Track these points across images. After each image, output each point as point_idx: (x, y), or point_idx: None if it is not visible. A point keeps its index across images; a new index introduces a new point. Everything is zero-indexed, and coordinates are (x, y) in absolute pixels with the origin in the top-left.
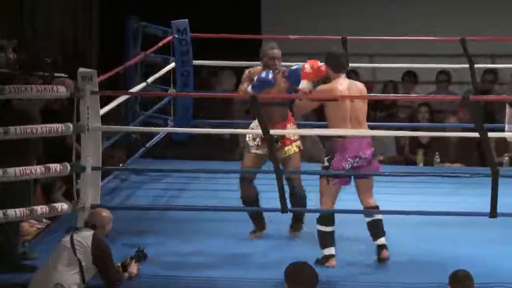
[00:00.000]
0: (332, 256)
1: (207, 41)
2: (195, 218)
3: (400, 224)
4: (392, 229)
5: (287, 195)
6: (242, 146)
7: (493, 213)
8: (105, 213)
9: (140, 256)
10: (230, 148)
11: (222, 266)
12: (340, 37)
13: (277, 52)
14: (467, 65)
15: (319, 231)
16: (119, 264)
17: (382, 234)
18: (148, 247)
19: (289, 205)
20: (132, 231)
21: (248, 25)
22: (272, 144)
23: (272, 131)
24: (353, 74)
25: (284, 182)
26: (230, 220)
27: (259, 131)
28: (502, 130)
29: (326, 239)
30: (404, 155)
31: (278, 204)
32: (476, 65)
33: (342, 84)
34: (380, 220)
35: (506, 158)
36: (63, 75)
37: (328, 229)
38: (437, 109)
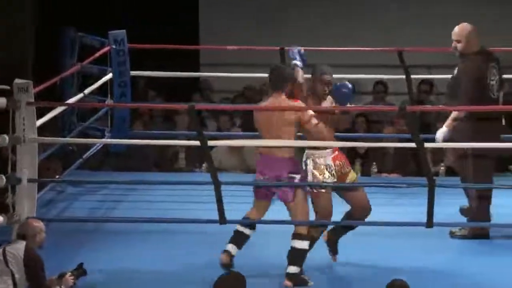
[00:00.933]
0: None
1: (145, 52)
2: (132, 230)
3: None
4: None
5: None
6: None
7: (429, 223)
8: (36, 223)
9: (80, 272)
10: (170, 160)
11: (158, 280)
12: (278, 48)
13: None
14: (403, 76)
15: None
16: (56, 276)
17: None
18: (85, 259)
19: None
20: (69, 244)
21: (186, 36)
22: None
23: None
24: None
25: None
26: (168, 232)
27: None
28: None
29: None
30: None
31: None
32: (412, 76)
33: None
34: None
35: (442, 168)
36: (5, 87)
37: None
38: (374, 119)
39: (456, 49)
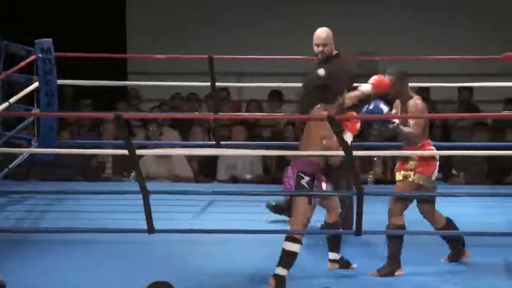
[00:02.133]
0: None
1: (72, 62)
2: (59, 240)
3: (264, 242)
4: (260, 248)
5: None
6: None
7: (358, 231)
8: None
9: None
10: (96, 169)
11: None
12: (207, 56)
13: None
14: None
15: None
16: None
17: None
18: (10, 271)
19: None
20: None
21: (114, 45)
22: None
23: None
24: (225, 93)
25: None
26: (96, 242)
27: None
28: (368, 148)
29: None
30: (271, 175)
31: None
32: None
33: None
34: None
35: (371, 176)
36: None
37: None
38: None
39: (323, 53)
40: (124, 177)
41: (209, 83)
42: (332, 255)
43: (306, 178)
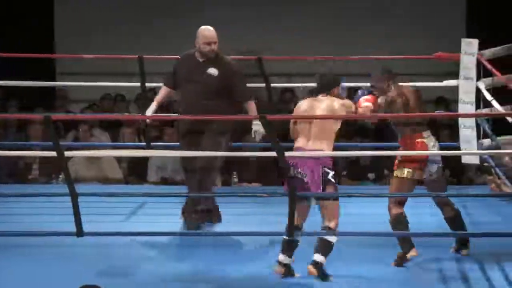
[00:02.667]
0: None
1: None
2: None
3: (193, 245)
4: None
5: None
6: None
7: (290, 233)
8: None
9: None
10: (23, 171)
11: None
12: (137, 56)
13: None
14: (263, 84)
15: None
16: None
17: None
18: None
19: None
20: None
21: (42, 45)
22: None
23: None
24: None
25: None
26: (24, 246)
27: None
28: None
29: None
30: None
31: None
32: (272, 84)
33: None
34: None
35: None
36: None
37: None
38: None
39: (213, 51)
40: (52, 179)
41: (139, 84)
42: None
43: (331, 173)
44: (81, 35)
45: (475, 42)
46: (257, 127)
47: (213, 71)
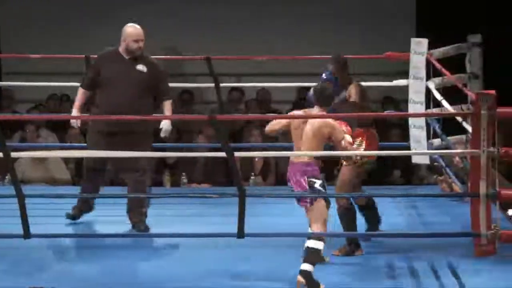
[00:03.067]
0: None
1: None
2: None
3: (146, 247)
4: (137, 252)
5: None
6: None
7: (240, 234)
8: None
9: None
10: None
11: None
12: (84, 56)
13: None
14: (212, 84)
15: None
16: None
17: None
18: None
19: None
20: None
21: None
22: None
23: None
24: None
25: None
26: None
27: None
28: (248, 149)
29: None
30: (151, 177)
31: None
32: (221, 84)
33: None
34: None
35: (253, 178)
36: None
37: None
38: (183, 128)
39: (140, 49)
40: None
41: None
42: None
43: (318, 182)
44: (27, 35)
45: (424, 41)
46: (166, 125)
47: (142, 67)
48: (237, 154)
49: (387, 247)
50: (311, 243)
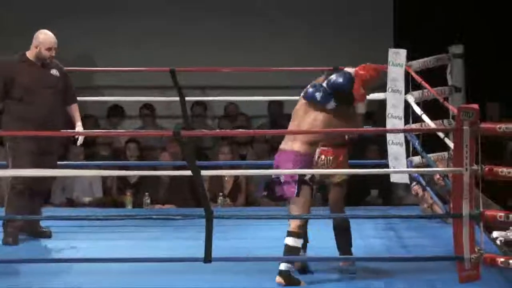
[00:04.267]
0: None
1: None
2: None
3: (108, 272)
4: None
5: None
6: None
7: (207, 258)
8: None
9: None
10: None
11: None
12: None
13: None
14: (177, 98)
15: None
16: None
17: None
18: None
19: None
20: None
21: None
22: None
23: None
24: None
25: None
26: None
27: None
28: (216, 168)
29: None
30: (112, 197)
31: None
32: (187, 98)
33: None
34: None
35: (221, 198)
36: None
37: None
38: (146, 145)
39: (53, 57)
40: None
41: None
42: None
43: (308, 175)
44: None
45: (403, 52)
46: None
47: (55, 72)
48: (204, 172)
49: (364, 272)
50: (289, 241)
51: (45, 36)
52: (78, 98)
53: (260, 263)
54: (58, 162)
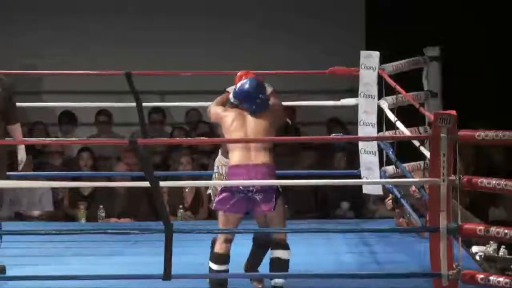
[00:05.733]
0: None
1: None
2: None
3: None
4: None
5: None
6: None
7: (167, 275)
8: None
9: None
10: None
11: None
12: None
13: None
14: (133, 104)
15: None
16: None
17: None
18: None
19: None
20: None
21: None
22: None
23: None
24: None
25: None
26: None
27: None
28: (177, 178)
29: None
30: (63, 210)
31: None
32: (144, 104)
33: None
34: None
35: (181, 211)
36: None
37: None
38: (101, 154)
39: None
40: None
41: None
42: None
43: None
44: None
45: (375, 54)
46: (22, 154)
47: None
48: (163, 184)
49: None
50: (280, 253)
51: None
52: (27, 104)
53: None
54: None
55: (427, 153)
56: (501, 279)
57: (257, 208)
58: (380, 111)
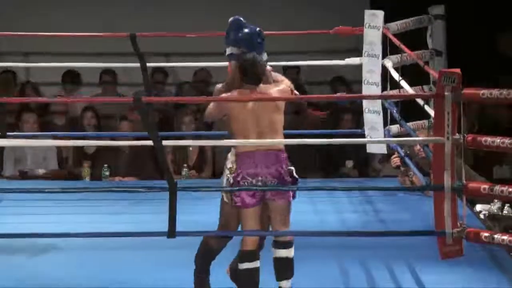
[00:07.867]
0: None
1: None
2: None
3: (68, 249)
4: (59, 255)
5: None
6: None
7: (171, 233)
8: None
9: None
10: None
11: None
12: None
13: None
14: (137, 64)
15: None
16: None
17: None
18: None
19: None
20: None
21: None
22: None
23: None
24: (10, 75)
25: None
26: None
27: None
28: (180, 138)
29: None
30: (68, 169)
31: None
32: (148, 64)
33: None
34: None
35: (185, 169)
36: None
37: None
38: (104, 113)
39: None
40: None
41: None
42: None
43: (293, 168)
44: None
45: (380, 13)
46: None
47: None
48: (166, 142)
49: (339, 248)
50: (285, 253)
51: None
52: (33, 64)
53: None
54: (9, 133)
55: (431, 112)
56: (505, 237)
57: (270, 196)
58: (384, 70)
